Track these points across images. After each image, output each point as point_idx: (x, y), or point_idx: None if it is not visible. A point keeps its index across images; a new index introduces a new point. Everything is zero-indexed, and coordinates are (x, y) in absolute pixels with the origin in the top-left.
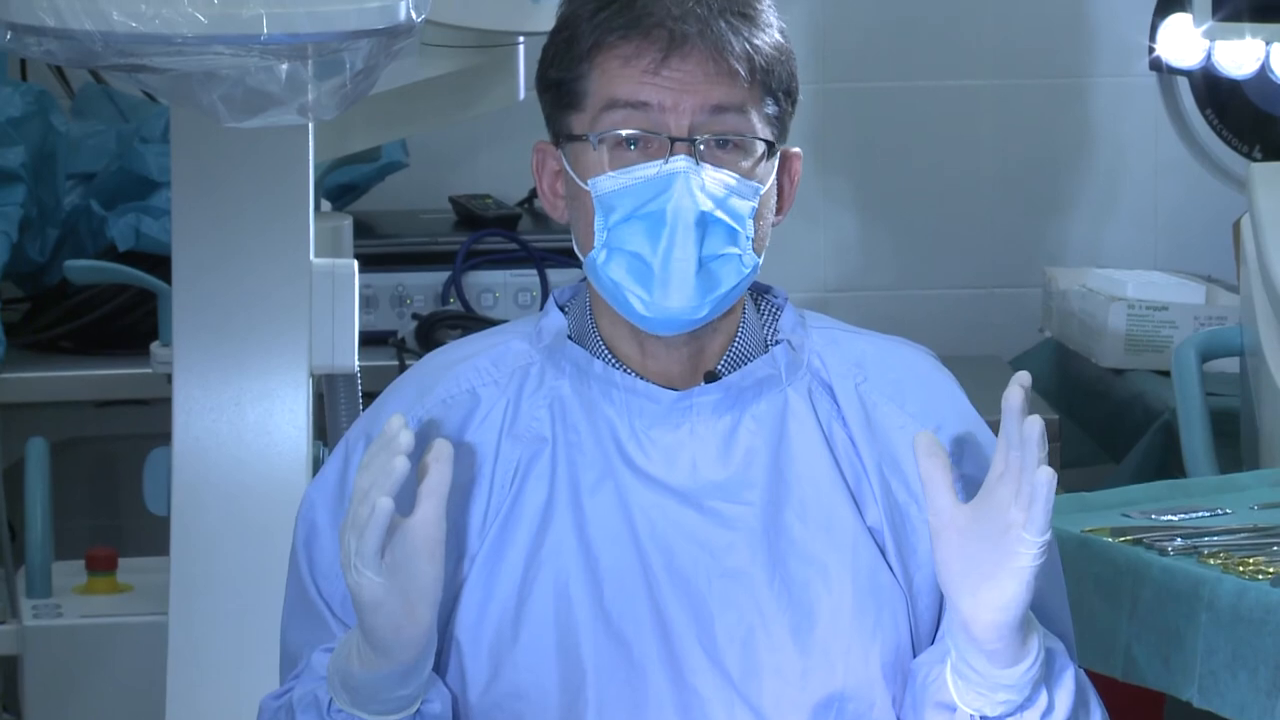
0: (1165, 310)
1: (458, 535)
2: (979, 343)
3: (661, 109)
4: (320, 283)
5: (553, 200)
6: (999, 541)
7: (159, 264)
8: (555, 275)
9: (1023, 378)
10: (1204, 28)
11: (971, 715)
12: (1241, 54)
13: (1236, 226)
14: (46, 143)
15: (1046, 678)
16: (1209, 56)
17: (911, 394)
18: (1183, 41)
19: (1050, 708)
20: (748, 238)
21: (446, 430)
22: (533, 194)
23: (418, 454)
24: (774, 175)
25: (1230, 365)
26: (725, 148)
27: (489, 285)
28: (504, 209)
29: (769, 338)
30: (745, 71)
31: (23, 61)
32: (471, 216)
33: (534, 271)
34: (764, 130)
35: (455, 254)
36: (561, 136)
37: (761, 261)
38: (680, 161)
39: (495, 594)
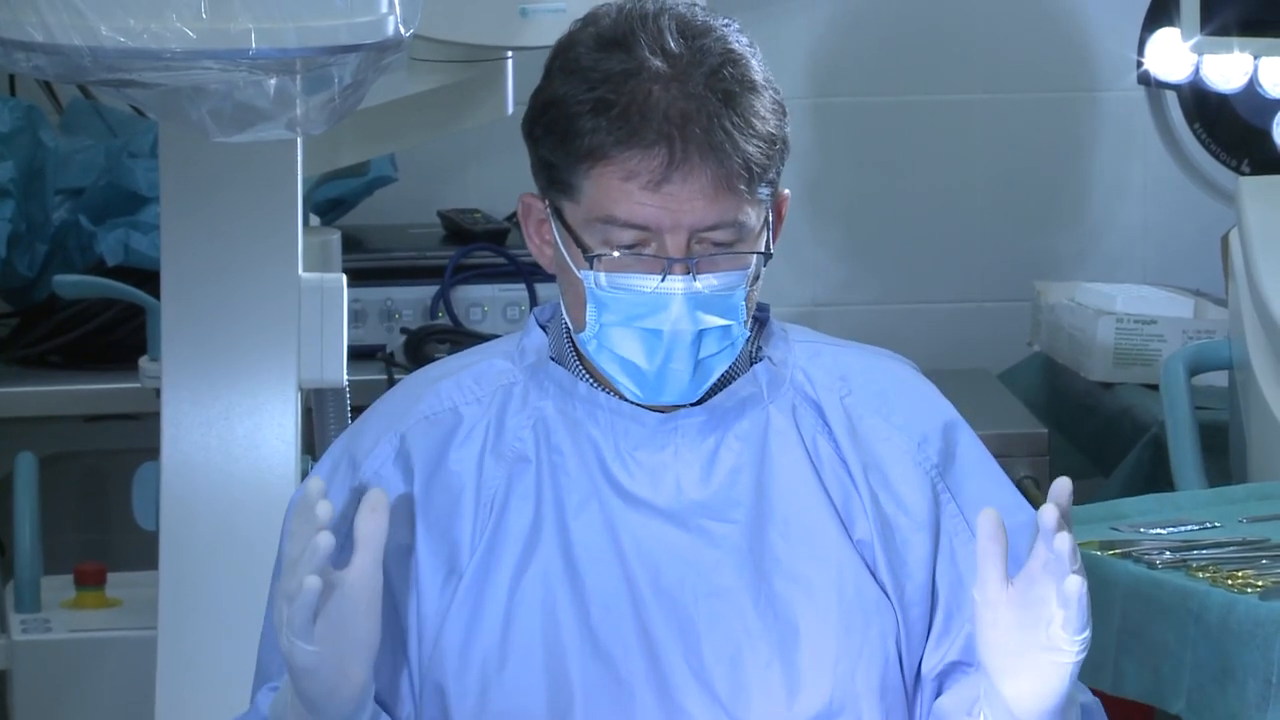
0: (1154, 324)
1: (446, 554)
2: (968, 356)
3: (659, 229)
4: (309, 297)
5: (539, 246)
6: (1044, 633)
7: (148, 279)
8: (544, 290)
9: (1062, 490)
10: (1192, 42)
11: None
12: (1230, 68)
13: (1225, 240)
14: (35, 158)
15: None
16: (1197, 71)
17: (896, 405)
18: (1171, 56)
19: None
20: (741, 321)
21: (428, 446)
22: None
23: (397, 480)
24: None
25: (1219, 379)
26: (721, 248)
27: (477, 300)
28: (492, 223)
29: (753, 354)
30: (744, 184)
31: (11, 77)
32: (460, 231)
33: (522, 286)
34: (757, 222)
35: (444, 268)
36: (551, 206)
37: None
38: (677, 283)
39: (481, 616)
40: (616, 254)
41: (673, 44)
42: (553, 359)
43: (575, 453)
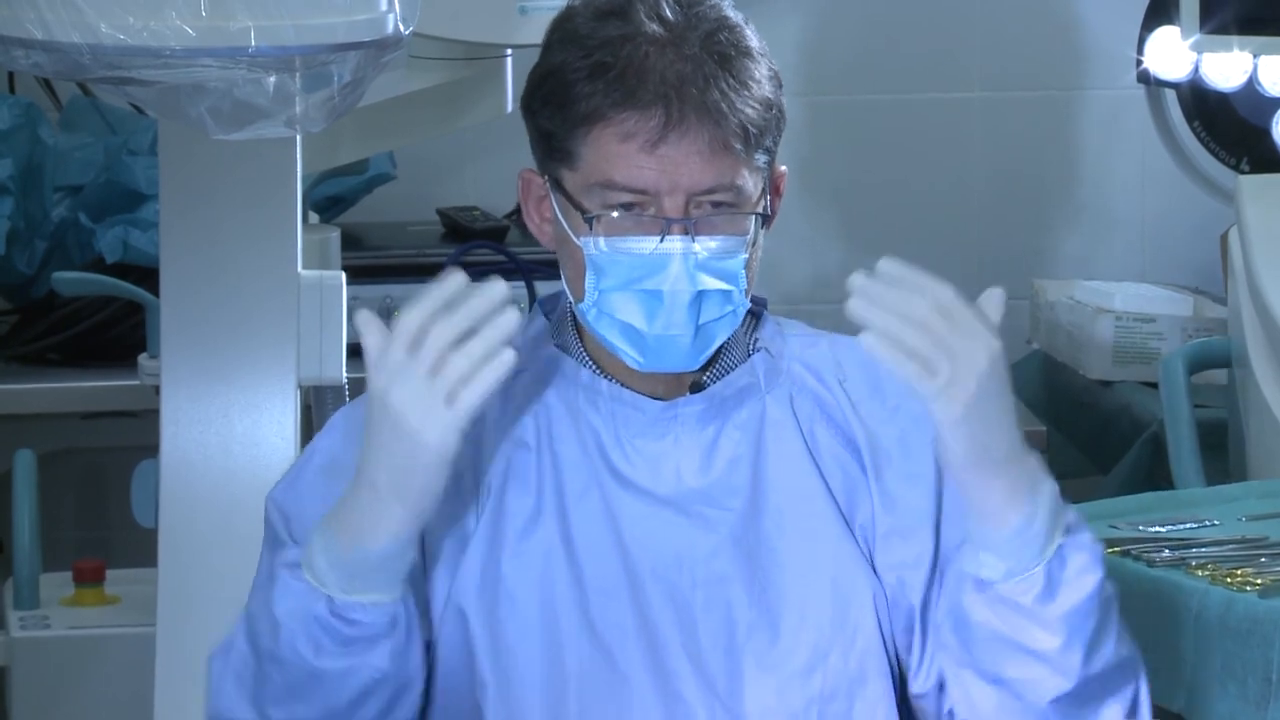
0: (1153, 322)
1: (444, 535)
2: None
3: (657, 191)
4: (308, 295)
5: (539, 224)
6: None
7: (147, 276)
8: (543, 287)
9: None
10: (1191, 40)
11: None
12: (1229, 66)
13: (1224, 239)
14: (34, 155)
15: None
16: (1197, 69)
17: (889, 387)
18: (1170, 54)
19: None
20: (741, 290)
21: None
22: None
23: None
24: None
25: (1218, 377)
26: (719, 210)
27: None
28: (492, 221)
29: (750, 345)
30: (740, 145)
31: (10, 74)
32: (459, 229)
33: (522, 284)
34: (755, 188)
35: (443, 266)
36: (550, 178)
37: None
38: (676, 243)
39: (474, 597)
40: (616, 214)
41: (668, 11)
42: (557, 346)
43: (576, 440)
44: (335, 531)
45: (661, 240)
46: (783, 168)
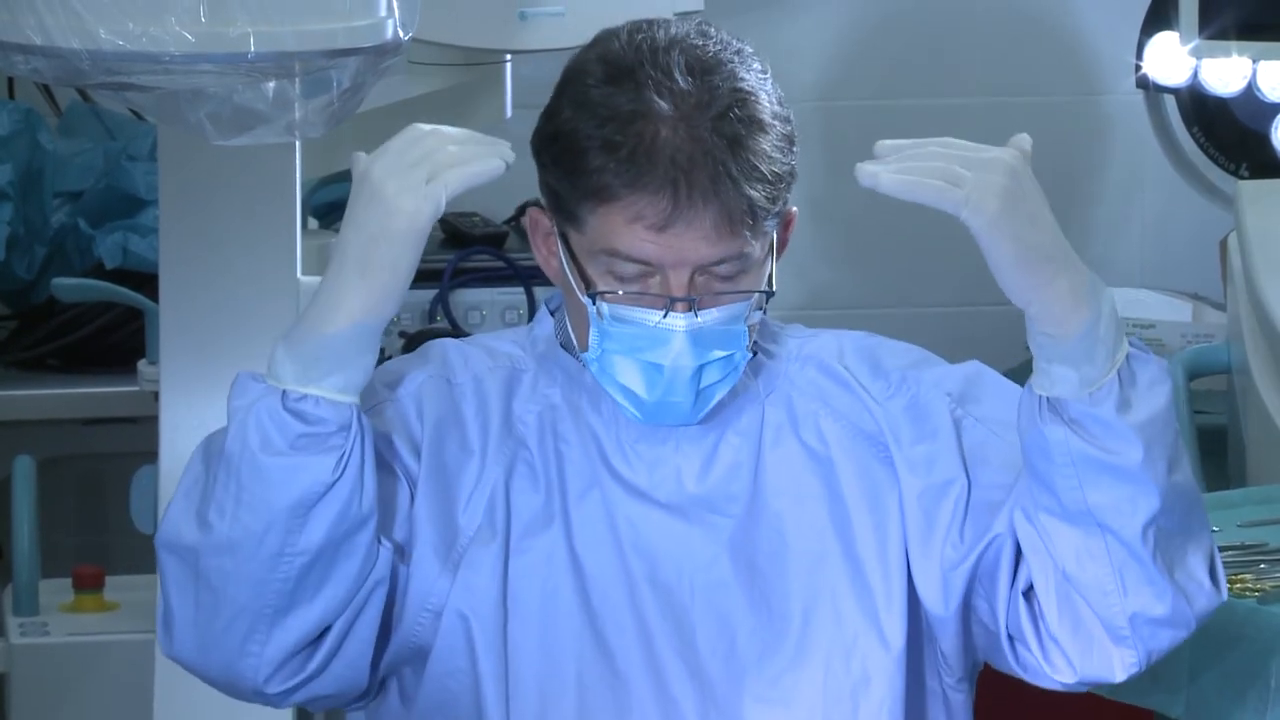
0: (1152, 328)
1: (443, 527)
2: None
3: (662, 265)
4: (307, 301)
5: (546, 257)
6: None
7: (146, 282)
8: (542, 294)
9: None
10: (1191, 46)
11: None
12: (1228, 72)
13: (1224, 244)
14: (34, 161)
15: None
16: (1196, 74)
17: (888, 364)
18: (1170, 59)
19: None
20: (744, 347)
21: (440, 398)
22: (520, 212)
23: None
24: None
25: (1217, 383)
26: (724, 280)
27: (476, 303)
28: (491, 227)
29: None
30: (748, 228)
31: (10, 80)
32: (459, 234)
33: (521, 289)
34: (763, 250)
35: (442, 272)
36: (557, 228)
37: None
38: (679, 320)
39: (481, 595)
40: (620, 292)
41: (681, 82)
42: (561, 346)
43: (579, 441)
44: (297, 324)
45: (665, 315)
46: (793, 208)
